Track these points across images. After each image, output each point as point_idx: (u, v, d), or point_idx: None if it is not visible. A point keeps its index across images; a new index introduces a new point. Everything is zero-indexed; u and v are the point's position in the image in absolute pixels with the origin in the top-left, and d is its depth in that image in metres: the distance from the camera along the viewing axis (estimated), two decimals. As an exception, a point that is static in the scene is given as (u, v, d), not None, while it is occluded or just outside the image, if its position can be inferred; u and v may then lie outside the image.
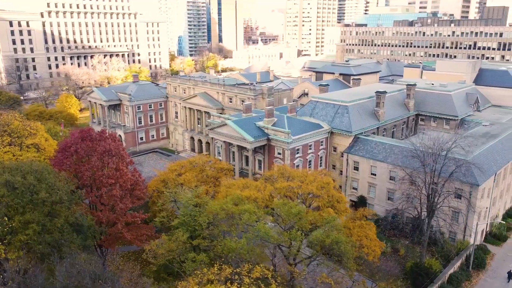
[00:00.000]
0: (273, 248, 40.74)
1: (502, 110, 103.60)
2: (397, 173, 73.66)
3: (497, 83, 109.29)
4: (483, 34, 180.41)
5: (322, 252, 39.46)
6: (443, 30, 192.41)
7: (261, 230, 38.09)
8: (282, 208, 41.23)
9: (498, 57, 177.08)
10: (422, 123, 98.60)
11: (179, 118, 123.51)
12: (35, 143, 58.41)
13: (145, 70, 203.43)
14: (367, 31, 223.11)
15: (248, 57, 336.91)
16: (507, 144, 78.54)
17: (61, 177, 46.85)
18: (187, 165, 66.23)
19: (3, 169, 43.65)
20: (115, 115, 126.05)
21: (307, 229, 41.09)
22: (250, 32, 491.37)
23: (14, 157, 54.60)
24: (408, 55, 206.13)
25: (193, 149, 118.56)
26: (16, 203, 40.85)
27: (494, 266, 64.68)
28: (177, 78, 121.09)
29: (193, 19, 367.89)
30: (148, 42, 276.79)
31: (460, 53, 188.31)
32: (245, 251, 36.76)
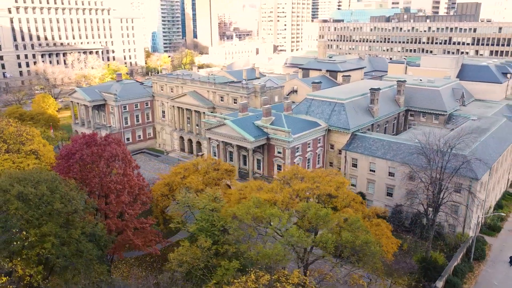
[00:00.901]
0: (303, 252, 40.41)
1: (485, 104, 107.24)
2: (396, 169, 75.03)
3: (479, 78, 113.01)
4: (458, 29, 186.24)
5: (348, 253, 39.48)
6: (419, 26, 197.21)
7: (295, 235, 37.73)
8: (309, 210, 40.98)
9: (472, 52, 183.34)
10: (412, 118, 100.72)
11: (167, 117, 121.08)
12: (33, 149, 55.56)
13: (123, 68, 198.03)
14: (345, 27, 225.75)
15: (224, 53, 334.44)
16: (497, 138, 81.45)
17: (72, 185, 44.77)
18: (190, 167, 64.90)
19: (12, 179, 41.20)
20: (99, 115, 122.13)
21: (335, 231, 41.05)
22: (224, 27, 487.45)
23: (14, 164, 51.73)
24: (385, 50, 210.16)
25: (183, 149, 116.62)
26: (31, 216, 38.69)
27: (493, 256, 67.08)
28: (163, 76, 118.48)
29: (167, 15, 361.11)
30: (123, 38, 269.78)
31: (436, 48, 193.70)
32: (280, 257, 36.31)
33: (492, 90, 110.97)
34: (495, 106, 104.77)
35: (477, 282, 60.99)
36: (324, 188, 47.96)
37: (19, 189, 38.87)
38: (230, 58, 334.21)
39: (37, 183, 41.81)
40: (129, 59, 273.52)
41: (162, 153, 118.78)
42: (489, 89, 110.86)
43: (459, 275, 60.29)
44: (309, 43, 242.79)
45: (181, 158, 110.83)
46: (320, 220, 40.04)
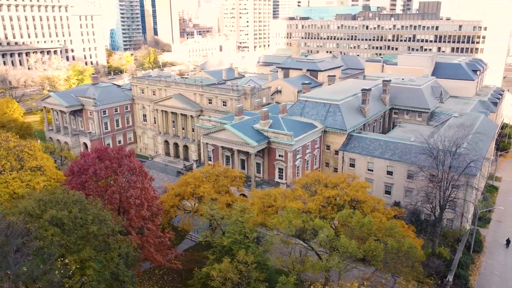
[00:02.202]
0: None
1: (460, 100, 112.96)
2: (394, 168, 77.56)
3: (453, 76, 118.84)
4: (421, 27, 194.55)
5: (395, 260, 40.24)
6: (385, 24, 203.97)
7: (349, 246, 37.93)
8: (351, 219, 41.35)
9: (435, 49, 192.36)
10: (396, 116, 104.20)
11: (149, 121, 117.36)
12: (38, 165, 51.79)
13: (90, 69, 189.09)
14: (313, 25, 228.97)
15: (188, 50, 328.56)
16: (481, 134, 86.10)
17: (99, 204, 42.37)
18: (200, 176, 63.41)
19: (39, 202, 38.28)
20: (75, 121, 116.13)
21: (377, 238, 41.75)
22: (184, 24, 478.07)
23: (23, 183, 47.94)
24: (353, 47, 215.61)
25: (168, 153, 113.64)
26: (68, 241, 36.19)
27: (489, 247, 71.15)
28: (144, 79, 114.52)
29: (125, 11, 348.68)
30: (82, 37, 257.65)
31: (401, 45, 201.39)
32: (338, 268, 36.37)
33: (465, 87, 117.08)
34: (470, 102, 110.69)
35: (480, 273, 64.51)
36: (352, 194, 48.67)
37: (52, 214, 36.21)
38: (194, 56, 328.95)
39: (65, 204, 39.19)
40: (89, 59, 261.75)
41: (146, 158, 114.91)
42: (463, 86, 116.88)
43: (464, 268, 63.42)
44: (277, 40, 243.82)
45: (168, 163, 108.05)
46: (364, 228, 40.64)
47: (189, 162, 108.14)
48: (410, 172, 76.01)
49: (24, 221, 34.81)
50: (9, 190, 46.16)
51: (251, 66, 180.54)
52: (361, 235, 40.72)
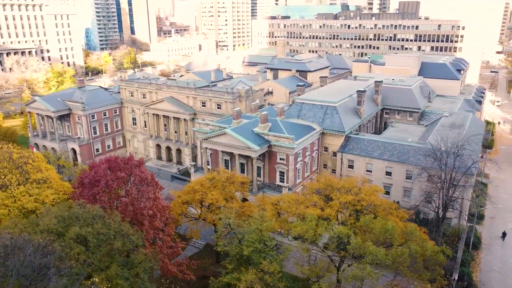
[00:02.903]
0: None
1: (446, 99, 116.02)
2: (393, 168, 78.95)
3: (439, 75, 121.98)
4: (402, 26, 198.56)
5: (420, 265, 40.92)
6: (366, 23, 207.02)
7: (379, 253, 38.21)
8: (374, 225, 41.75)
9: (415, 48, 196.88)
10: (387, 116, 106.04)
11: (138, 124, 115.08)
12: (44, 177, 49.76)
13: (70, 70, 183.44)
14: (295, 24, 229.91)
15: (167, 50, 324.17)
16: (472, 133, 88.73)
17: (117, 218, 41.22)
18: (206, 183, 62.65)
19: (58, 218, 36.84)
20: (62, 126, 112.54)
21: (399, 243, 42.30)
22: (160, 22, 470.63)
23: (31, 197, 45.94)
24: (335, 46, 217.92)
25: (160, 157, 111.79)
26: (94, 259, 34.99)
27: (486, 243, 73.51)
28: (134, 82, 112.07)
29: (101, 10, 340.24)
30: (58, 37, 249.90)
31: (382, 44, 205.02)
32: (371, 277, 36.66)
33: (450, 86, 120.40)
34: (457, 101, 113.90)
35: (481, 269, 66.59)
36: (368, 199, 49.20)
37: (77, 231, 34.92)
38: (173, 55, 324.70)
39: (85, 220, 37.91)
40: (66, 59, 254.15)
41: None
42: (448, 85, 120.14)
43: (466, 265, 65.35)
44: (259, 40, 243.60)
45: (161, 168, 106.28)
46: (388, 234, 41.14)
47: (182, 166, 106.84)
48: (409, 173, 77.69)
49: (48, 240, 33.40)
50: (17, 205, 44.18)
51: (237, 66, 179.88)
52: (385, 240, 41.26)
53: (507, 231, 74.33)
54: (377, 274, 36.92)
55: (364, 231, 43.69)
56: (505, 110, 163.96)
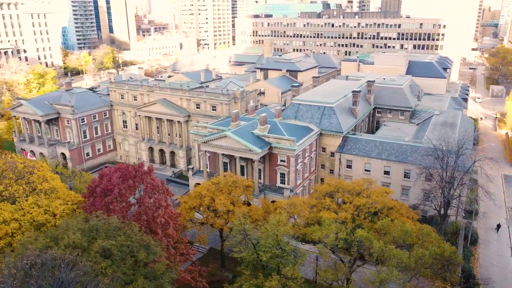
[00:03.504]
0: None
1: (434, 98, 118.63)
2: (391, 168, 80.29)
3: (426, 74, 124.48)
4: (384, 25, 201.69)
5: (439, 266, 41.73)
6: (349, 22, 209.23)
7: (403, 256, 38.75)
8: (394, 227, 42.31)
9: (398, 46, 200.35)
10: (379, 115, 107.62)
11: (129, 127, 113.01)
12: (51, 187, 48.13)
13: (51, 72, 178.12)
14: (279, 23, 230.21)
15: (148, 49, 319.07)
16: (465, 131, 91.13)
17: (135, 228, 40.41)
18: (212, 187, 62.14)
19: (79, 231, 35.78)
20: (49, 130, 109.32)
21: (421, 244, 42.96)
22: (138, 21, 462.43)
23: (40, 209, 44.33)
24: (319, 45, 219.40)
25: (152, 160, 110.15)
26: (119, 272, 34.15)
27: (483, 238, 75.80)
28: (124, 84, 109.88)
29: (78, 8, 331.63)
30: (35, 36, 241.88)
31: (366, 42, 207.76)
32: (398, 280, 37.09)
33: (437, 84, 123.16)
34: (444, 99, 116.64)
35: (481, 265, 68.60)
36: (382, 201, 49.84)
37: (102, 244, 34.01)
38: (154, 54, 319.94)
39: (106, 232, 37.01)
40: (44, 59, 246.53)
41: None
42: (435, 84, 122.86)
43: (466, 261, 67.14)
44: (243, 38, 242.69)
45: (155, 171, 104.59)
46: (407, 236, 41.83)
47: (177, 168, 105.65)
48: (407, 171, 79.20)
49: (75, 255, 32.40)
50: (28, 218, 42.62)
51: (223, 66, 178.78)
52: (404, 243, 41.97)
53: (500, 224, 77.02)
54: (404, 277, 37.56)
55: (383, 234, 44.26)
56: (485, 106, 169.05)
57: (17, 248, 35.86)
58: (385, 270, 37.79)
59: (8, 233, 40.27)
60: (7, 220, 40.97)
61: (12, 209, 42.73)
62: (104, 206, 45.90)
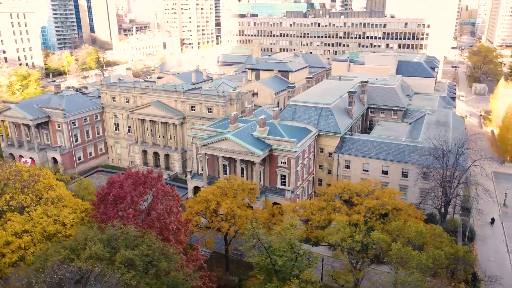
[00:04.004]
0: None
1: (424, 97, 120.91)
2: (389, 167, 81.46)
3: (416, 74, 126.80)
4: (370, 25, 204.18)
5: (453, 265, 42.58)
6: (336, 22, 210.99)
7: (422, 258, 39.34)
8: (408, 229, 42.94)
9: (384, 46, 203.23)
10: (372, 115, 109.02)
11: (122, 130, 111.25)
12: (59, 195, 46.88)
13: (35, 73, 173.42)
14: (265, 22, 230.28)
15: (131, 48, 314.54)
16: (457, 129, 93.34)
17: (152, 237, 39.88)
18: (217, 191, 61.82)
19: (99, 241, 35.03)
20: (39, 134, 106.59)
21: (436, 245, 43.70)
22: (120, 20, 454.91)
23: (49, 218, 43.10)
24: (305, 45, 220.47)
25: (146, 163, 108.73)
26: (143, 282, 33.61)
27: (479, 235, 77.70)
28: (116, 86, 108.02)
29: (58, 7, 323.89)
30: (15, 36, 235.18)
31: (352, 42, 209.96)
32: (419, 281, 37.64)
33: (426, 84, 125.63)
34: (434, 98, 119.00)
35: (479, 260, 70.27)
36: (392, 203, 50.51)
37: (125, 255, 33.39)
38: (137, 54, 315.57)
39: (126, 241, 36.39)
40: (24, 60, 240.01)
41: (121, 170, 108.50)
42: (424, 83, 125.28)
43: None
44: (229, 38, 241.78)
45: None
46: (421, 237, 42.52)
47: (172, 171, 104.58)
48: (404, 171, 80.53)
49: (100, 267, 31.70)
50: (39, 229, 41.42)
51: (211, 66, 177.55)
52: (418, 244, 42.71)
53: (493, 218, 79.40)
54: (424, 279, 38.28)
55: (396, 235, 44.91)
56: (470, 104, 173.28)
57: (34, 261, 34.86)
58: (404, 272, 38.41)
59: (21, 246, 39.07)
60: (18, 232, 39.75)
61: (21, 219, 41.46)
62: (117, 214, 45.09)
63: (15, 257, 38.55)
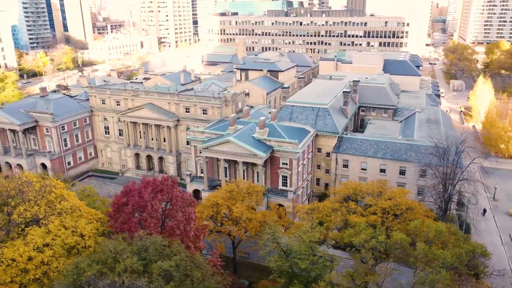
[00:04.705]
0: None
1: (411, 95, 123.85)
2: (387, 165, 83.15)
3: (401, 72, 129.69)
4: (351, 23, 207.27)
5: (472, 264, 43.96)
6: (317, 20, 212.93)
7: (448, 257, 40.39)
8: (428, 228, 44.03)
9: (365, 44, 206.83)
10: (363, 113, 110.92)
11: (112, 133, 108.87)
12: (74, 206, 45.42)
13: (12, 75, 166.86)
14: (247, 21, 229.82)
15: (108, 48, 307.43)
16: (448, 127, 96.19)
17: (178, 245, 39.42)
18: (225, 194, 61.59)
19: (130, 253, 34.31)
20: (26, 139, 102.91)
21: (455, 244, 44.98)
22: (93, 18, 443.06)
23: (67, 230, 41.71)
24: (288, 43, 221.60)
25: (138, 166, 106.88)
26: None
27: (475, 228, 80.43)
28: (106, 88, 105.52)
29: (29, 5, 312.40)
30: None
31: (333, 40, 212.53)
32: (447, 279, 38.56)
33: (412, 82, 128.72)
34: (420, 96, 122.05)
35: (478, 254, 72.92)
36: (405, 203, 51.66)
37: (161, 266, 32.87)
38: (114, 53, 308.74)
39: (155, 251, 35.84)
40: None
41: (114, 174, 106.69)
42: (410, 81, 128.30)
43: (465, 251, 71.25)
44: (210, 36, 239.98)
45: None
46: (441, 236, 43.68)
47: (166, 174, 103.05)
48: (402, 169, 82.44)
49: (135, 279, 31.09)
50: (59, 242, 40.07)
51: (196, 66, 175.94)
52: (438, 243, 43.94)
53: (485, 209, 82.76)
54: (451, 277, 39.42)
55: (414, 235, 46.07)
56: (449, 100, 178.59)
57: (65, 275, 33.78)
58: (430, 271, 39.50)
59: (43, 261, 37.69)
60: (39, 246, 38.37)
61: (40, 232, 40.01)
62: (138, 224, 44.22)
63: (39, 272, 37.18)
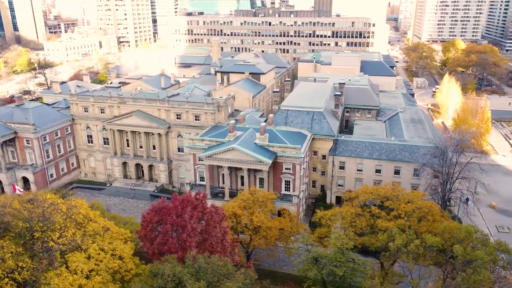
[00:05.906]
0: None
1: (389, 95, 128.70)
2: (382, 166, 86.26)
3: (377, 72, 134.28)
4: (319, 24, 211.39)
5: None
6: (286, 21, 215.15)
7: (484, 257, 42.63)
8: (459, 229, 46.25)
9: (333, 44, 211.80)
10: (348, 114, 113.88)
11: (96, 142, 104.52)
12: (104, 226, 43.32)
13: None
14: (215, 21, 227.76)
15: (65, 48, 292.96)
16: (432, 127, 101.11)
17: (230, 265, 39.15)
18: (241, 204, 61.46)
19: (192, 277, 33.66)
20: (4, 152, 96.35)
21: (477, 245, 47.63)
22: (44, 16, 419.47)
23: (107, 254, 39.69)
24: (257, 43, 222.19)
25: (126, 175, 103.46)
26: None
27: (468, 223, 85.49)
28: (88, 96, 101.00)
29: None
30: None
31: (303, 40, 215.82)
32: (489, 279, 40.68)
33: (388, 82, 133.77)
34: (397, 96, 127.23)
35: (471, 246, 77.68)
36: (425, 206, 53.97)
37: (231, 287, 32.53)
38: (72, 54, 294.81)
39: (213, 272, 35.45)
40: None
41: (100, 185, 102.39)
42: (387, 82, 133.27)
43: (461, 244, 75.72)
44: (177, 37, 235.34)
45: (135, 187, 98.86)
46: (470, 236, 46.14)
47: (157, 183, 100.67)
48: (397, 169, 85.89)
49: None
50: (103, 267, 38.19)
51: (169, 68, 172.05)
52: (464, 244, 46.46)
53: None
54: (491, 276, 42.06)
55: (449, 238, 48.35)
56: (416, 98, 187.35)
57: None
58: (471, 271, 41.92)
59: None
60: (86, 272, 36.45)
61: (82, 258, 37.98)
62: (178, 244, 43.07)
63: (92, 302, 35.39)
